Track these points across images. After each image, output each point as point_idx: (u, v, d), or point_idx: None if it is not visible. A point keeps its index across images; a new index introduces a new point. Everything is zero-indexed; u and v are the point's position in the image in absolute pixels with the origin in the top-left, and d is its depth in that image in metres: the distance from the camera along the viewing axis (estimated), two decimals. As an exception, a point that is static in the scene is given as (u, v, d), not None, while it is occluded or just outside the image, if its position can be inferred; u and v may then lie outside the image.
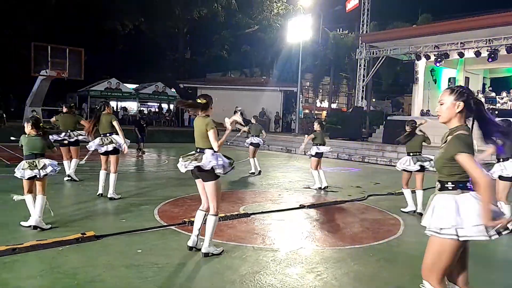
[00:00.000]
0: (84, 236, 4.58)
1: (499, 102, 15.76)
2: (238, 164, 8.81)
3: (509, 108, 14.95)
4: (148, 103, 32.13)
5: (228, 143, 15.75)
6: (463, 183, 2.46)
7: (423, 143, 6.80)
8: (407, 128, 6.85)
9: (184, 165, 4.31)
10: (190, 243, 4.42)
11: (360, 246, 4.92)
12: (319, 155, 8.72)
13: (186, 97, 30.95)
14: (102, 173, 7.03)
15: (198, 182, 4.42)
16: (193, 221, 5.40)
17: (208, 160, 4.17)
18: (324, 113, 35.99)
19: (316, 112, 35.98)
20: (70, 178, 8.38)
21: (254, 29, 32.77)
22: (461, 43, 15.34)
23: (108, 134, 6.91)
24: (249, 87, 27.70)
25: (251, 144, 10.75)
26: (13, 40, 23.29)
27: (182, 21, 31.47)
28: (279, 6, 31.31)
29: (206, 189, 4.32)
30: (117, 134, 6.93)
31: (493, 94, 16.91)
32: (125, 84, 27.89)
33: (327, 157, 13.67)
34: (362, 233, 5.55)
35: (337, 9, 30.86)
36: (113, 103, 31.32)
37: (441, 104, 2.53)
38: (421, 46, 16.60)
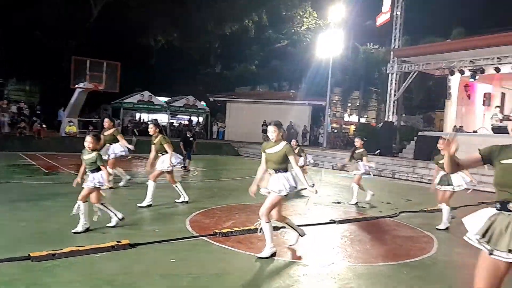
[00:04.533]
0: (119, 244, 4.71)
1: (537, 119, 15.19)
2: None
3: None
4: (178, 116, 32.78)
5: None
6: None
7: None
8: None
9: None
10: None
11: (393, 263, 4.83)
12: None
13: (216, 110, 31.57)
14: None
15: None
16: (224, 233, 5.52)
17: None
18: (352, 127, 35.62)
19: (344, 126, 35.66)
20: None
21: (284, 44, 33.11)
22: (497, 58, 14.94)
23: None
24: (277, 101, 27.88)
25: None
26: (56, 54, 24.44)
27: (214, 36, 32.16)
28: (309, 21, 31.54)
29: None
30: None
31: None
32: (157, 97, 28.60)
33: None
34: (394, 250, 5.45)
35: (367, 24, 30.77)
36: (144, 115, 32.24)
37: None
38: (455, 61, 16.27)
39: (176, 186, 7.66)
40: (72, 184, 5.53)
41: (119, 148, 8.79)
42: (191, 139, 13.44)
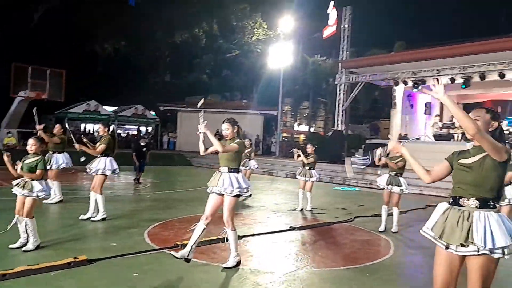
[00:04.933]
0: (76, 260, 4.45)
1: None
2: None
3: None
4: (126, 126, 31.79)
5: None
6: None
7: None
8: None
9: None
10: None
11: (355, 266, 4.95)
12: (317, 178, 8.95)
13: (166, 119, 30.99)
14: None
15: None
16: (185, 245, 5.37)
17: None
18: (302, 136, 36.43)
19: (294, 135, 36.37)
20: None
21: (235, 54, 33.30)
22: (437, 69, 16.00)
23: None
24: (230, 110, 27.86)
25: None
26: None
27: (163, 44, 31.72)
28: (260, 32, 32.02)
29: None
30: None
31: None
32: (104, 107, 27.59)
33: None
34: (354, 254, 5.59)
35: (315, 36, 31.78)
36: (90, 126, 30.92)
37: (478, 120, 2.59)
38: (399, 72, 17.20)
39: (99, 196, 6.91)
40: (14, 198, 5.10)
41: (62, 159, 8.27)
42: (144, 149, 12.63)
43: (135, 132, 31.34)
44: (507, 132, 15.73)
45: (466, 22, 32.78)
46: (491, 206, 2.51)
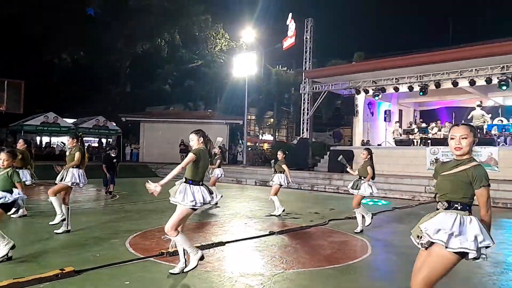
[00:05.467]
0: (64, 271, 4.36)
1: (430, 133, 17.33)
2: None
3: (439, 138, 16.47)
4: (87, 138, 30.83)
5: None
6: (468, 205, 2.82)
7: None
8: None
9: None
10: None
11: (339, 265, 5.16)
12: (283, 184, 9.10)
13: (129, 130, 30.36)
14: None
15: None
16: (171, 252, 5.38)
17: None
18: (266, 145, 36.86)
19: (259, 144, 36.73)
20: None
21: (198, 64, 33.31)
22: (395, 78, 16.84)
23: None
24: (195, 120, 27.75)
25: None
26: None
27: (124, 54, 31.20)
28: (222, 42, 32.27)
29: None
30: None
31: (424, 125, 18.56)
32: (63, 119, 26.67)
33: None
34: (335, 254, 5.81)
35: (277, 47, 32.45)
36: (46, 139, 29.70)
37: (464, 138, 2.80)
38: (360, 82, 17.94)
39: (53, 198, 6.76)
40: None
41: (26, 175, 8.04)
42: (114, 160, 12.11)
43: (96, 144, 30.49)
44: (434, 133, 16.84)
45: (421, 33, 34.79)
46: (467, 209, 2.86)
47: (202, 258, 4.53)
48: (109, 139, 30.47)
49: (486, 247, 2.70)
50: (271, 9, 31.57)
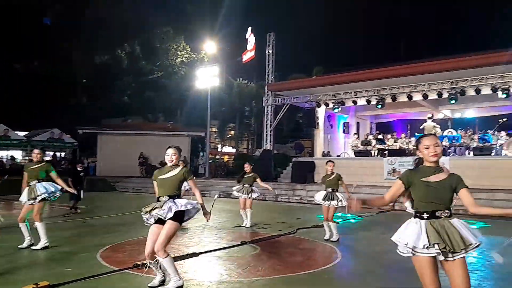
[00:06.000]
0: (38, 286, 4.25)
1: (387, 144, 18.16)
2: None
3: (396, 148, 17.32)
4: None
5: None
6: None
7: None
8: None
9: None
10: None
11: (312, 271, 5.35)
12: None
13: (86, 143, 29.38)
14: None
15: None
16: (145, 264, 5.34)
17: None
18: (226, 157, 36.94)
19: (221, 156, 36.73)
20: None
21: (158, 76, 32.98)
22: (354, 92, 17.57)
23: None
24: (155, 132, 27.33)
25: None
26: None
27: (81, 65, 30.37)
28: (184, 54, 32.22)
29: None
30: None
31: (380, 137, 19.43)
32: (15, 132, 25.46)
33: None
34: (307, 261, 6.01)
35: (238, 60, 32.87)
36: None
37: (437, 146, 3.07)
38: (320, 95, 18.55)
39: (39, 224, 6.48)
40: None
41: None
42: (82, 174, 11.53)
43: (51, 158, 29.24)
44: (415, 147, 17.71)
45: (377, 50, 36.54)
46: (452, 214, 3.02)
47: (182, 287, 4.38)
48: (62, 152, 29.39)
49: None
50: (232, 23, 32.02)
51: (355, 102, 17.92)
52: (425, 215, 2.97)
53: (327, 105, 18.82)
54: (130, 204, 14.19)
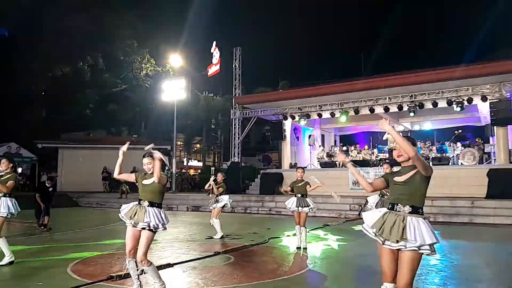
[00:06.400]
0: (10, 301, 4.11)
1: (351, 155, 18.71)
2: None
3: (360, 159, 17.89)
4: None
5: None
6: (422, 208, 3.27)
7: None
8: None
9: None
10: None
11: (287, 277, 5.47)
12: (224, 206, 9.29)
13: (46, 158, 28.26)
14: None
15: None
16: (121, 275, 5.29)
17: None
18: (192, 171, 36.64)
19: (187, 170, 36.36)
20: None
21: (121, 88, 32.44)
22: (319, 105, 18.07)
23: None
24: (119, 146, 26.63)
25: None
26: None
27: (41, 77, 29.38)
28: (148, 67, 31.91)
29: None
30: None
31: (345, 148, 20.02)
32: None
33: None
34: (281, 268, 6.10)
35: (203, 73, 32.93)
36: None
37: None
38: (287, 108, 18.94)
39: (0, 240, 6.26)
40: None
41: None
42: (50, 189, 10.99)
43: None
44: (378, 158, 18.37)
45: (341, 63, 37.71)
46: (420, 213, 3.23)
47: None
48: (21, 167, 28.13)
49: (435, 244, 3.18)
50: (198, 37, 32.19)
51: (320, 115, 18.42)
52: (389, 206, 3.34)
53: (293, 117, 19.21)
54: (95, 219, 13.81)
